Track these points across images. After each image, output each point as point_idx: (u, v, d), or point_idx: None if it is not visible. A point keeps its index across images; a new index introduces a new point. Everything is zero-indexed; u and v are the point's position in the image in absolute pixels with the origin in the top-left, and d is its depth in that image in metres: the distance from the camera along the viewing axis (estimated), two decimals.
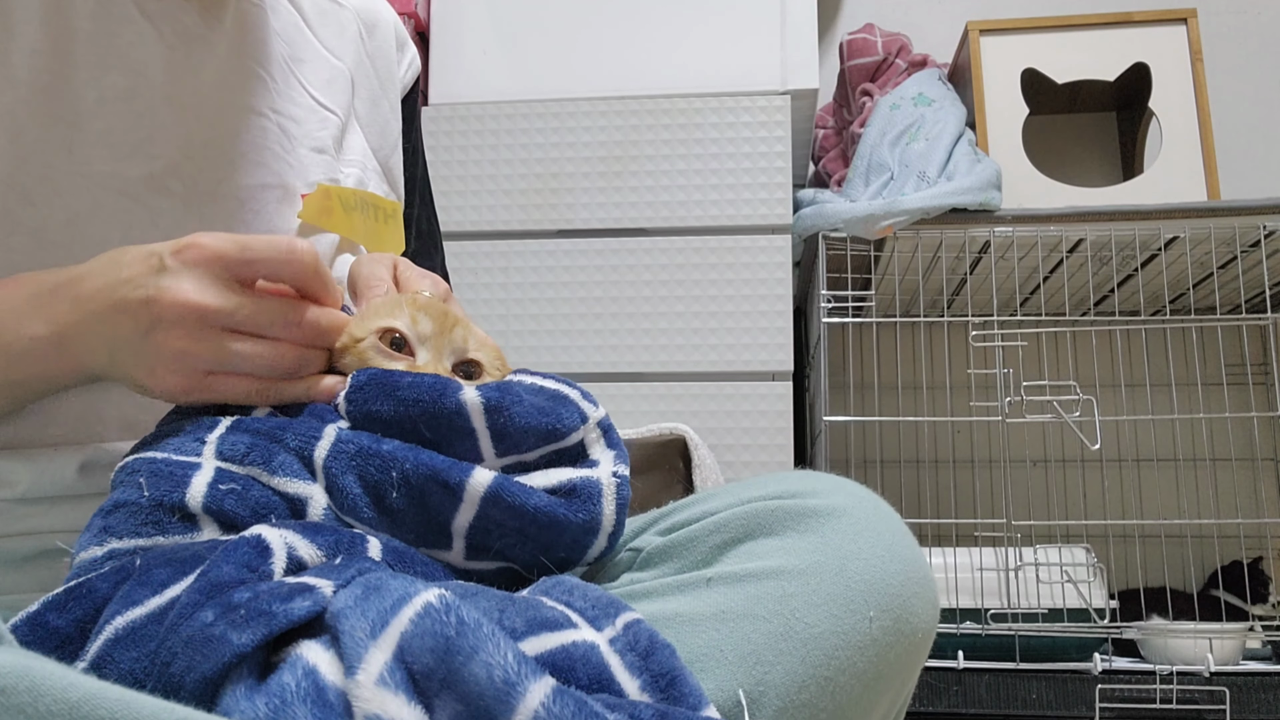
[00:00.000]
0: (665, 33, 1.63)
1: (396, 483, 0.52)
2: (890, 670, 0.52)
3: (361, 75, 0.87)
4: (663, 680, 0.43)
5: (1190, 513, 1.69)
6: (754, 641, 0.50)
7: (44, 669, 0.31)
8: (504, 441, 0.54)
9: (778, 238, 1.54)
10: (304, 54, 0.82)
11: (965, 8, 1.93)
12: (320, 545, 0.49)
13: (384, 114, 0.89)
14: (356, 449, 0.53)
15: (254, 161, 0.74)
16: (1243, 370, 1.72)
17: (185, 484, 0.51)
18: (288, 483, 0.53)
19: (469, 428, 0.54)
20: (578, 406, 0.57)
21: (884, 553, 0.53)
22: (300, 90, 0.80)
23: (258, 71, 0.76)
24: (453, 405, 0.54)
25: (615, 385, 1.53)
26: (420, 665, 0.38)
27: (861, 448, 1.66)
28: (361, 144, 0.86)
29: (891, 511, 0.57)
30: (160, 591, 0.44)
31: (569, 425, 0.56)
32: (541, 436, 0.55)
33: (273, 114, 0.76)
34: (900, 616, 0.52)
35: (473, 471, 0.52)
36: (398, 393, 0.54)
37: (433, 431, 0.54)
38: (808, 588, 0.52)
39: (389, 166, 0.89)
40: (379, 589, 0.41)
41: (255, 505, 0.51)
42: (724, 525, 0.56)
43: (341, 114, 0.83)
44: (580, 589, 0.49)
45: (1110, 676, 1.33)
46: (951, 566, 1.40)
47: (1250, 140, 1.85)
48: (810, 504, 0.55)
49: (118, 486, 0.53)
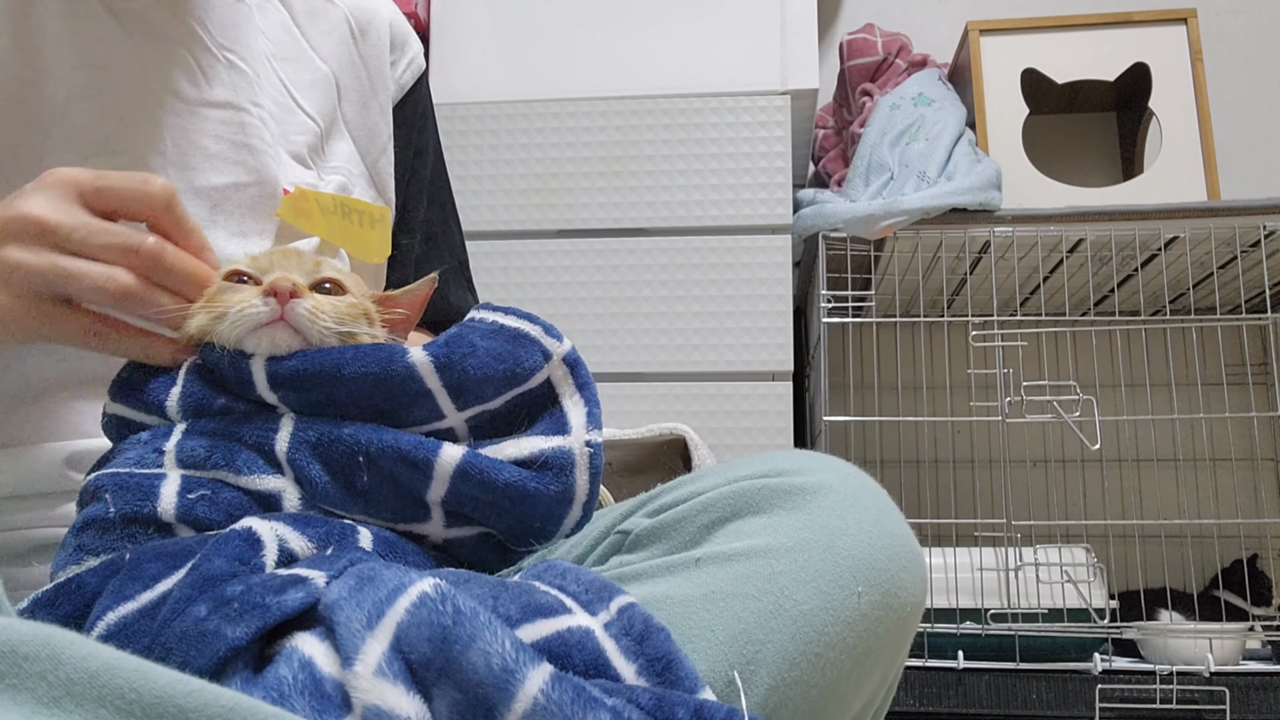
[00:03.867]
0: (665, 33, 1.63)
1: (363, 465, 0.51)
2: (879, 645, 0.53)
3: (350, 78, 0.86)
4: (658, 664, 0.43)
5: (1190, 513, 1.69)
6: (744, 620, 0.51)
7: (64, 638, 0.31)
8: (463, 396, 0.53)
9: (778, 238, 1.54)
10: (290, 53, 0.81)
11: (965, 8, 1.93)
12: (311, 536, 0.48)
13: (373, 117, 0.88)
14: (317, 436, 0.52)
15: (233, 159, 0.74)
16: (1243, 370, 1.72)
17: (154, 495, 0.50)
18: (256, 480, 0.52)
19: (423, 389, 0.52)
20: (539, 344, 0.55)
21: (871, 528, 0.54)
22: (281, 89, 0.79)
23: (238, 65, 0.75)
24: (402, 369, 0.52)
25: (615, 385, 1.53)
26: (418, 655, 0.38)
27: (861, 448, 1.66)
28: (348, 149, 0.85)
29: (878, 488, 0.57)
30: (151, 586, 0.44)
31: (530, 366, 0.54)
32: (501, 382, 0.54)
33: (254, 108, 0.75)
34: (889, 591, 0.53)
35: (440, 449, 0.51)
36: (342, 370, 0.52)
37: (388, 400, 0.52)
38: (796, 565, 0.52)
39: (377, 170, 0.88)
40: (373, 579, 0.41)
41: (228, 507, 0.51)
42: (711, 505, 0.56)
43: (323, 121, 0.82)
44: (573, 573, 0.49)
45: (1110, 676, 1.33)
46: (951, 566, 1.40)
47: (1250, 140, 1.85)
48: (797, 481, 0.55)
49: (85, 505, 0.52)
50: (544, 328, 0.56)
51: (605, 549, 0.61)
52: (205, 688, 0.31)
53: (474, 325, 0.55)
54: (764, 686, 0.50)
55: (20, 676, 0.29)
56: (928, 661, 1.35)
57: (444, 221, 0.97)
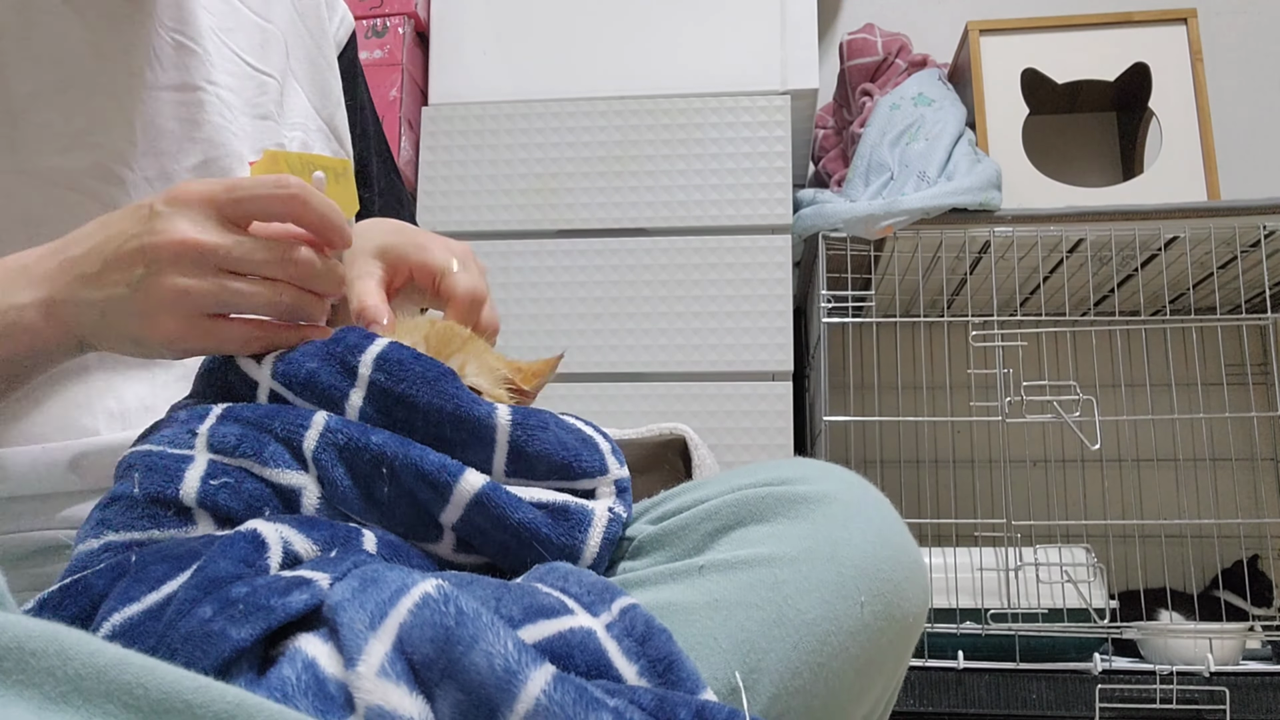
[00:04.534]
0: (665, 33, 1.63)
1: (386, 477, 0.52)
2: (882, 655, 0.53)
3: (295, 35, 0.86)
4: (660, 665, 0.43)
5: (1190, 513, 1.69)
6: (747, 629, 0.51)
7: (71, 634, 0.31)
8: (518, 461, 0.54)
9: (778, 238, 1.54)
10: (231, 22, 0.81)
11: (965, 8, 1.93)
12: (315, 539, 0.49)
13: (322, 71, 0.88)
14: (346, 440, 0.53)
15: (197, 138, 0.74)
16: (1243, 370, 1.72)
17: (179, 478, 0.51)
18: (280, 473, 0.52)
19: (491, 438, 0.54)
20: (603, 458, 0.57)
21: (875, 538, 0.54)
22: (234, 59, 0.79)
23: (187, 45, 0.75)
24: (483, 415, 0.54)
25: (615, 385, 1.53)
26: (420, 655, 0.38)
27: (861, 448, 1.66)
28: (304, 104, 0.85)
29: (881, 497, 0.57)
30: (157, 587, 0.44)
31: (586, 469, 0.56)
32: (555, 468, 0.55)
33: (209, 85, 0.75)
34: (892, 601, 0.53)
35: (462, 474, 0.52)
36: (437, 384, 0.54)
37: (455, 431, 0.54)
38: (799, 574, 0.52)
39: (334, 124, 0.88)
40: (376, 580, 0.41)
41: (249, 498, 0.51)
42: (715, 513, 0.56)
43: (279, 76, 0.82)
44: (575, 575, 0.49)
45: (1110, 676, 1.33)
46: (951, 566, 1.40)
47: (1250, 140, 1.85)
48: (800, 490, 0.55)
49: (117, 480, 0.53)
50: (612, 446, 0.58)
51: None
52: (211, 685, 0.31)
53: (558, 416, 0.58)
54: (766, 695, 0.50)
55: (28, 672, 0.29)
56: (928, 661, 1.35)
57: (388, 174, 0.99)
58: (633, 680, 0.42)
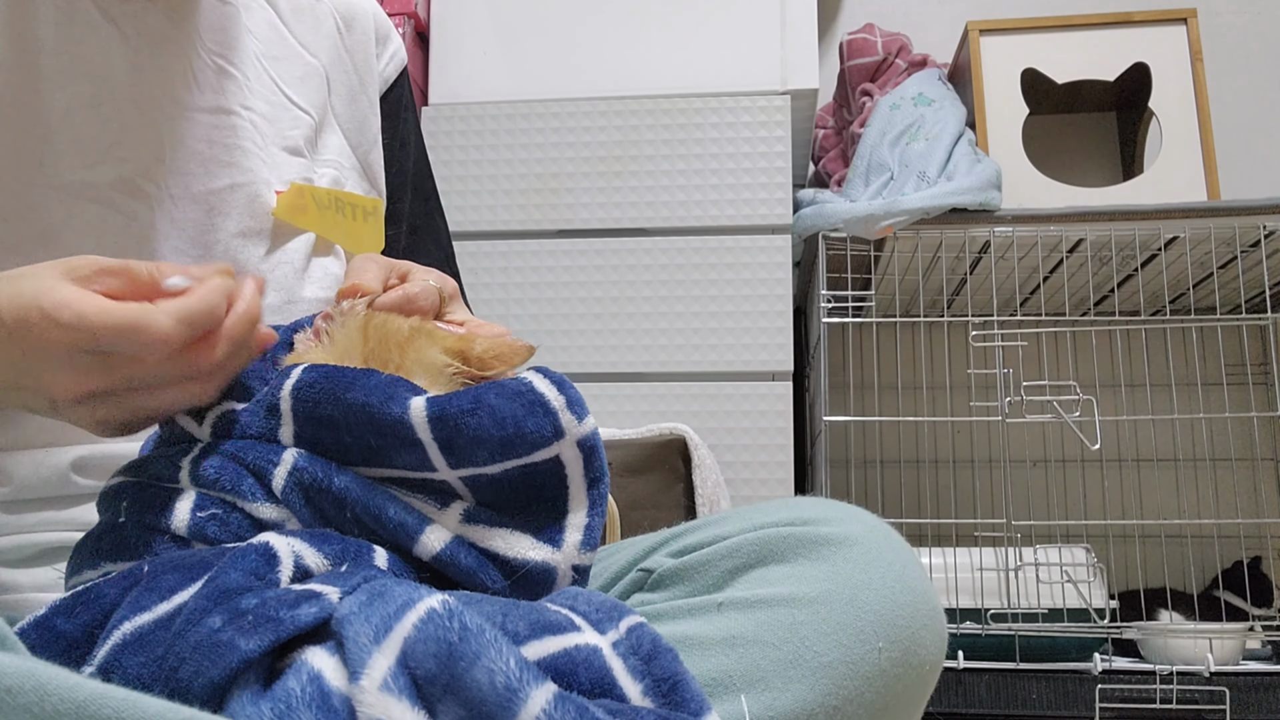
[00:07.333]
0: (665, 33, 1.63)
1: (351, 521, 0.51)
2: (897, 702, 0.52)
3: (338, 71, 0.86)
4: (665, 685, 0.43)
5: (1190, 513, 1.69)
6: (763, 668, 0.51)
7: (48, 671, 0.31)
8: (454, 454, 0.51)
9: (778, 238, 1.54)
10: (278, 51, 0.81)
11: (965, 8, 1.93)
12: (326, 553, 0.49)
13: (362, 110, 0.88)
14: (310, 480, 0.51)
15: (225, 161, 0.74)
16: (1243, 370, 1.72)
17: (169, 510, 0.51)
18: (259, 508, 0.52)
19: (414, 438, 0.51)
20: (555, 417, 0.52)
21: (894, 583, 0.53)
22: (273, 87, 0.79)
23: (228, 69, 0.75)
24: (396, 414, 0.51)
25: (615, 385, 1.53)
26: (423, 671, 0.38)
27: (861, 448, 1.66)
28: (339, 142, 0.85)
29: (902, 541, 0.57)
30: (168, 597, 0.44)
31: (533, 439, 0.51)
32: (497, 448, 0.51)
33: (244, 111, 0.76)
34: (909, 648, 0.52)
35: (421, 534, 0.50)
36: (346, 395, 0.52)
37: (380, 439, 0.51)
38: (818, 616, 0.52)
39: (368, 163, 0.88)
40: (383, 595, 0.41)
41: (237, 531, 0.51)
42: (736, 550, 0.56)
43: (316, 113, 0.82)
44: (584, 595, 0.49)
45: (1110, 676, 1.33)
46: (951, 566, 1.40)
47: (1250, 140, 1.85)
48: (822, 532, 0.55)
49: (105, 506, 0.53)
50: (570, 399, 0.53)
51: (627, 585, 0.61)
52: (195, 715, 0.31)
53: (503, 383, 0.53)
54: None
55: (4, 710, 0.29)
56: None
57: (428, 214, 0.97)
58: (637, 699, 0.42)
